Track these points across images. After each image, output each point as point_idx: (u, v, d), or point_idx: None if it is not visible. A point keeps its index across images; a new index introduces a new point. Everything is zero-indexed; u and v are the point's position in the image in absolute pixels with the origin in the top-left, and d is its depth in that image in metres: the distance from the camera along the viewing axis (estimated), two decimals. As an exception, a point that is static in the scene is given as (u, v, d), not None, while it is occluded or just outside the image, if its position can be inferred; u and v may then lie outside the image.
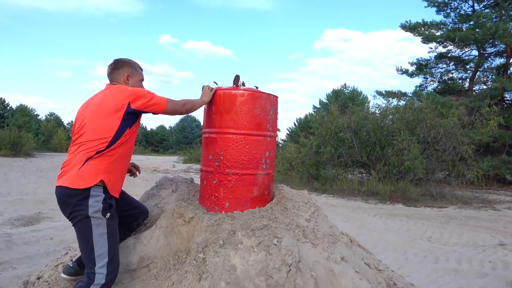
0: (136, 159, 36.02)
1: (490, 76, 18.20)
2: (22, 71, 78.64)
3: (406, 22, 18.89)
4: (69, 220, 1.89)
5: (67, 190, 1.84)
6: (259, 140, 2.21)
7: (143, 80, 2.37)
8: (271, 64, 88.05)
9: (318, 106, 43.41)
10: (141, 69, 2.37)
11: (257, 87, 2.38)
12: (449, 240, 6.17)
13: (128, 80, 2.24)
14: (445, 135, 11.05)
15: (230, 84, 2.34)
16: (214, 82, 2.40)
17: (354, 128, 12.41)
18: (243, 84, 2.36)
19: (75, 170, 1.89)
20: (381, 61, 76.15)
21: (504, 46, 16.74)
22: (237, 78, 2.28)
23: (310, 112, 42.85)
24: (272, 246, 1.80)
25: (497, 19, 17.07)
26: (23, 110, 46.44)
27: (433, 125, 11.08)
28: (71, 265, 2.11)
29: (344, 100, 38.80)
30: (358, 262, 2.07)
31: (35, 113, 53.55)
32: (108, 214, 1.85)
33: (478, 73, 18.66)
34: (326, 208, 9.03)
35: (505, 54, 17.06)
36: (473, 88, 18.64)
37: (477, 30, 15.67)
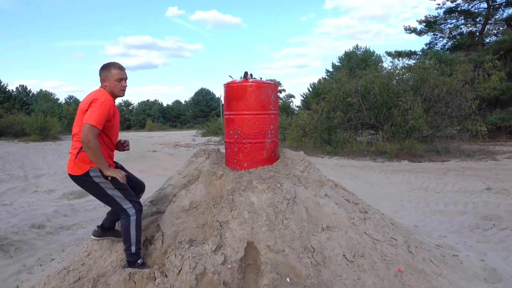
0: (156, 135, 37.41)
1: (501, 28, 18.13)
2: (36, 57, 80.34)
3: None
4: (86, 190, 2.65)
5: (71, 176, 2.60)
6: (264, 118, 3.06)
7: (121, 79, 2.74)
8: (282, 28, 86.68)
9: (331, 69, 43.33)
10: (120, 68, 2.74)
11: (261, 78, 3.21)
12: (443, 188, 7.00)
13: (105, 83, 2.71)
14: (449, 92, 11.58)
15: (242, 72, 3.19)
16: (230, 76, 3.24)
17: (362, 92, 13.02)
18: (251, 76, 3.19)
19: (72, 160, 2.58)
20: (396, 15, 73.94)
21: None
22: (245, 74, 3.12)
23: (323, 77, 42.90)
24: (277, 189, 2.70)
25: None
26: (46, 95, 48.18)
27: (437, 83, 11.61)
28: (96, 229, 2.89)
29: (357, 62, 38.56)
30: (339, 198, 2.96)
31: (55, 97, 55.25)
32: (109, 178, 2.51)
33: (488, 26, 18.59)
34: (336, 168, 9.92)
35: (515, 5, 16.95)
36: (485, 41, 18.64)
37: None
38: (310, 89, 46.12)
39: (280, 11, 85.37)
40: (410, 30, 19.83)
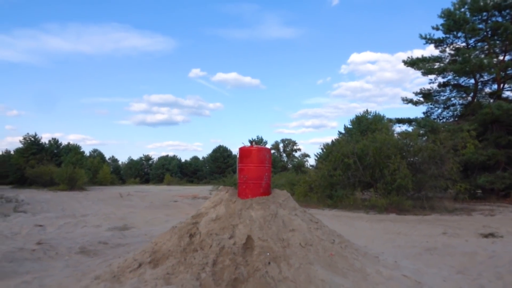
0: (174, 189, 39.63)
1: (488, 101, 20.34)
2: (63, 111, 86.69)
3: (408, 58, 21.60)
4: None
5: None
6: (262, 168, 5.15)
7: None
8: (299, 90, 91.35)
9: (343, 131, 45.88)
10: None
11: (266, 142, 5.36)
12: (412, 233, 8.71)
13: None
14: (432, 157, 13.51)
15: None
16: (242, 143, 5.41)
17: (360, 154, 15.08)
18: (257, 143, 5.35)
19: None
20: (411, 81, 77.61)
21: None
22: (251, 142, 5.29)
23: (335, 138, 45.32)
24: (266, 208, 4.70)
25: (486, 52, 19.50)
26: (76, 148, 51.94)
27: (421, 148, 13.61)
28: None
29: (367, 125, 41.07)
30: (304, 218, 4.92)
31: (81, 150, 59.10)
32: None
33: (476, 98, 20.84)
34: (332, 217, 11.68)
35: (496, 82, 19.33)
36: (476, 112, 20.77)
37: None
38: (323, 149, 48.40)
39: (297, 74, 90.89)
40: (407, 101, 22.25)
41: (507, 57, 19.57)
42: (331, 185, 15.55)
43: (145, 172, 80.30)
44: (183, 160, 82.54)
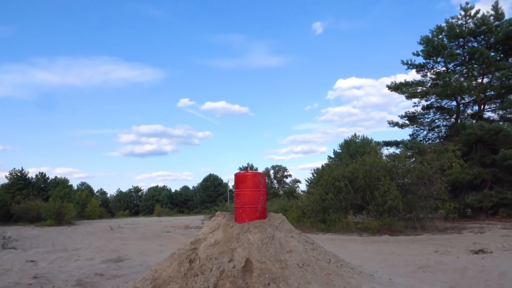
0: (165, 220, 39.14)
1: (470, 122, 21.06)
2: (50, 145, 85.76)
3: (392, 83, 22.41)
4: None
5: None
6: (257, 193, 5.32)
7: None
8: (288, 116, 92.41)
9: (332, 155, 46.39)
10: None
11: (256, 169, 5.56)
12: (405, 252, 8.86)
13: None
14: (420, 177, 13.85)
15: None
16: (238, 168, 5.59)
17: (350, 177, 15.34)
18: (251, 168, 5.55)
19: None
20: (396, 104, 79.50)
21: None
22: (246, 168, 5.47)
23: (325, 163, 45.75)
24: (263, 231, 4.85)
25: (465, 76, 20.41)
26: (63, 182, 51.16)
27: (409, 170, 13.96)
28: None
29: (355, 149, 41.70)
30: (300, 239, 5.07)
31: (69, 183, 58.16)
32: None
33: (459, 120, 21.56)
34: (326, 241, 11.75)
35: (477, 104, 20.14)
36: (460, 133, 21.43)
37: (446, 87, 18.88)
38: (313, 174, 48.69)
39: (285, 101, 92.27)
40: (394, 124, 22.87)
41: (485, 80, 20.51)
42: (324, 209, 15.68)
43: (135, 204, 79.05)
44: (173, 190, 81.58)
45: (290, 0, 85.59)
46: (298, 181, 66.22)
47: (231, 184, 71.19)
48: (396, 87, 21.84)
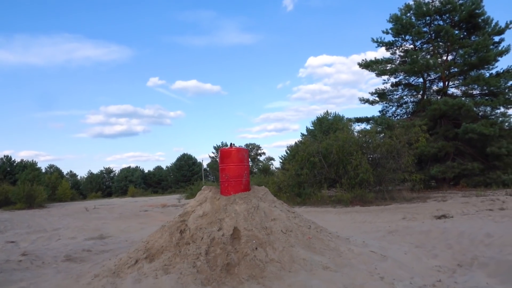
0: (140, 200, 39.01)
1: (436, 98, 22.11)
2: (12, 127, 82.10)
3: (362, 60, 23.04)
4: None
5: None
6: (241, 167, 5.63)
7: None
8: (260, 95, 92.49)
9: (305, 133, 47.31)
10: None
11: (240, 146, 5.85)
12: (376, 220, 9.54)
13: None
14: (390, 151, 14.63)
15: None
16: (232, 144, 5.87)
17: (324, 153, 15.94)
18: (234, 145, 5.84)
19: None
20: (366, 81, 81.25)
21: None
22: (231, 144, 5.77)
23: (299, 140, 46.66)
24: (249, 202, 5.19)
25: (432, 53, 21.26)
26: (32, 165, 49.56)
27: (379, 144, 14.70)
28: None
29: (328, 126, 42.69)
30: (283, 209, 5.47)
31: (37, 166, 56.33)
32: None
33: (426, 96, 22.56)
34: (303, 213, 12.33)
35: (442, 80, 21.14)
36: (426, 108, 22.48)
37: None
38: (288, 151, 49.65)
39: (257, 79, 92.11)
40: (364, 101, 23.61)
41: (450, 57, 21.43)
42: (299, 184, 16.28)
43: (107, 185, 77.86)
44: (146, 171, 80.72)
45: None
46: (272, 159, 67.06)
47: (205, 163, 71.27)
48: (366, 65, 22.45)
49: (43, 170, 59.32)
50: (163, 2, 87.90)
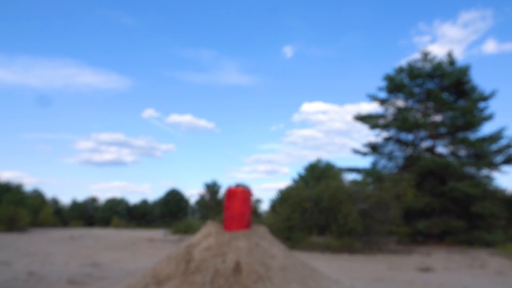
0: (124, 233, 38.38)
1: (424, 155, 23.14)
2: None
3: (357, 113, 24.26)
4: None
5: None
6: (245, 206, 6.18)
7: None
8: (253, 135, 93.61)
9: (296, 178, 47.90)
10: None
11: (245, 186, 6.45)
12: (363, 269, 9.94)
13: None
14: (380, 203, 15.24)
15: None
16: (232, 185, 6.44)
17: (316, 199, 16.47)
18: (239, 186, 6.43)
19: None
20: (358, 132, 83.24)
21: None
22: (237, 185, 6.35)
23: (290, 185, 47.16)
24: (250, 239, 5.69)
25: (422, 113, 22.58)
26: (18, 187, 48.86)
27: (369, 195, 15.34)
28: None
29: (319, 173, 43.44)
30: (280, 248, 5.96)
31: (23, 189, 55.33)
32: None
33: (416, 152, 23.60)
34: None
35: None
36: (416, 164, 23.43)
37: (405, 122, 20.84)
38: (279, 194, 49.88)
39: (252, 120, 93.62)
40: (357, 152, 24.57)
41: (438, 118, 22.76)
42: (289, 228, 16.62)
43: (90, 214, 76.37)
44: (131, 203, 79.52)
45: (263, 21, 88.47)
46: (260, 201, 67.05)
47: (193, 199, 70.75)
48: (361, 118, 23.64)
49: (27, 193, 58.29)
50: (167, 37, 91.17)
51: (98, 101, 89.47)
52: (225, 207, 6.31)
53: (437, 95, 20.91)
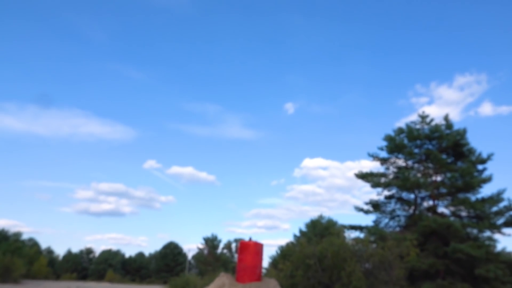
0: (121, 287, 37.23)
1: (426, 215, 23.31)
2: None
3: (359, 171, 24.83)
4: None
5: None
6: (257, 259, 6.54)
7: None
8: (254, 189, 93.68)
9: (298, 234, 47.26)
10: None
11: (255, 241, 6.85)
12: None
13: None
14: (382, 262, 15.26)
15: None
16: (250, 238, 6.86)
17: (319, 256, 16.49)
18: (251, 239, 6.83)
19: None
20: (359, 188, 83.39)
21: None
22: (249, 239, 6.77)
23: (291, 240, 46.42)
24: (262, 291, 6.00)
25: (422, 172, 23.17)
26: (16, 235, 48.24)
27: (372, 254, 15.41)
28: None
29: (321, 229, 42.97)
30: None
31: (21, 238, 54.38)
32: None
33: (418, 211, 23.78)
34: (296, 316, 12.51)
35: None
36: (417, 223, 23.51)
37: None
38: (279, 251, 48.85)
39: (253, 174, 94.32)
40: (359, 209, 24.78)
41: (438, 178, 23.26)
42: (292, 285, 16.45)
43: (84, 266, 74.02)
44: (127, 256, 77.40)
45: (266, 78, 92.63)
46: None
47: (190, 254, 68.82)
48: (362, 176, 24.19)
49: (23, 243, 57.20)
50: (173, 91, 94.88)
51: (102, 150, 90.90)
52: (238, 259, 6.70)
53: (436, 156, 21.63)
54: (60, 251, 75.49)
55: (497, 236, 21.02)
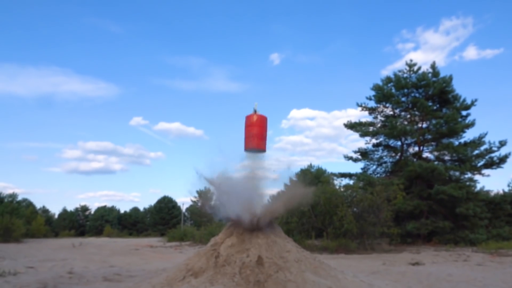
0: (119, 241, 38.73)
1: (412, 160, 24.45)
2: None
3: (348, 121, 25.47)
4: None
5: None
6: (262, 128, 7.30)
7: None
8: (242, 142, 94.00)
9: (287, 183, 48.89)
10: None
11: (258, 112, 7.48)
12: (360, 265, 10.99)
13: None
14: (371, 206, 16.37)
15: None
16: (254, 111, 7.46)
17: (312, 203, 17.51)
18: (256, 111, 7.45)
19: None
20: (346, 137, 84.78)
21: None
22: (254, 111, 7.37)
23: (282, 189, 48.05)
24: (268, 237, 6.66)
25: (409, 120, 23.95)
26: (11, 197, 48.75)
27: (362, 199, 16.48)
28: None
29: (311, 178, 44.50)
30: (293, 244, 6.94)
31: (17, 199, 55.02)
32: None
33: (403, 157, 24.87)
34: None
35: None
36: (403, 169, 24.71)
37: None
38: (270, 200, 50.64)
39: (241, 127, 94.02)
40: (348, 158, 25.78)
41: (424, 125, 24.11)
42: (288, 231, 17.59)
43: (80, 223, 75.89)
44: (122, 211, 79.07)
45: (250, 29, 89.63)
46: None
47: (184, 207, 70.96)
48: (351, 126, 24.88)
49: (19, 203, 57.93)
50: (155, 45, 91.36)
51: (86, 109, 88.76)
52: (245, 131, 7.38)
53: (422, 104, 22.27)
54: (54, 210, 76.51)
55: (477, 177, 22.39)
